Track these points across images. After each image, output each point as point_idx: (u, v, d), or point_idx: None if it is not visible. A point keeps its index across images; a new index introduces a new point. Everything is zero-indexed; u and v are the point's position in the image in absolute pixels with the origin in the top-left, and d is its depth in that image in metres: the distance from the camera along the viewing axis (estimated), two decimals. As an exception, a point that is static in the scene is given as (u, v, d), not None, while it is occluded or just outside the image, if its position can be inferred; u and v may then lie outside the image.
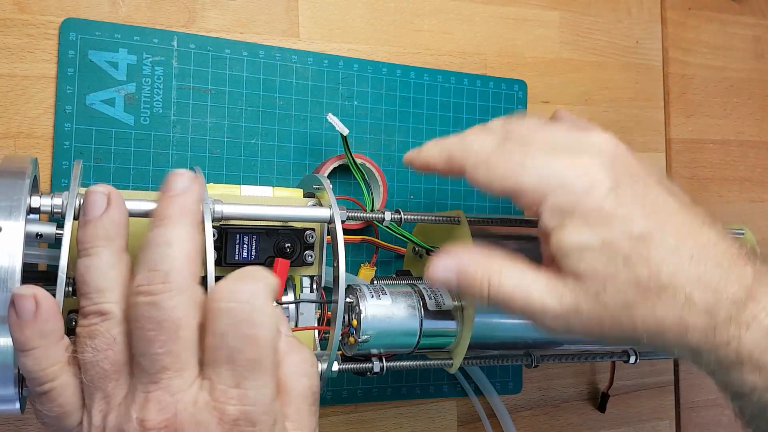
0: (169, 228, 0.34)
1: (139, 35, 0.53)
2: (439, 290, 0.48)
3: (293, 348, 0.35)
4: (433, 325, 0.47)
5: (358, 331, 0.45)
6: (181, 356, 0.32)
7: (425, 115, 0.63)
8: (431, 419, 0.62)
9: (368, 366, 0.47)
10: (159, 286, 0.32)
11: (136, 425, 0.31)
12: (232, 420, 0.31)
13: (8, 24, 0.51)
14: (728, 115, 0.78)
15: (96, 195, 0.35)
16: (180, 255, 0.33)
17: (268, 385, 0.32)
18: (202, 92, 0.55)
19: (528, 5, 0.69)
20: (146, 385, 0.32)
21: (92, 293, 0.33)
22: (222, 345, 0.31)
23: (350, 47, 0.61)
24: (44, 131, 0.51)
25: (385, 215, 0.47)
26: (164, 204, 0.35)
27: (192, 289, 0.33)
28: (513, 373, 0.65)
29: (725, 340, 0.37)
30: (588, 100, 0.71)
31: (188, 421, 0.31)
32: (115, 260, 0.34)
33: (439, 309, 0.47)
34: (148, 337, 0.31)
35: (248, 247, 0.44)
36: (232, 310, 0.32)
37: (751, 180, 0.79)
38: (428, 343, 0.48)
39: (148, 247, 0.33)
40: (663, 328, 0.38)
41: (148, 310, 0.32)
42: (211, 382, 0.32)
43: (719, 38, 0.79)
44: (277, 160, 0.57)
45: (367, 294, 0.46)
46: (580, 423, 0.68)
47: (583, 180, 0.39)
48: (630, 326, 0.39)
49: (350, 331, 0.46)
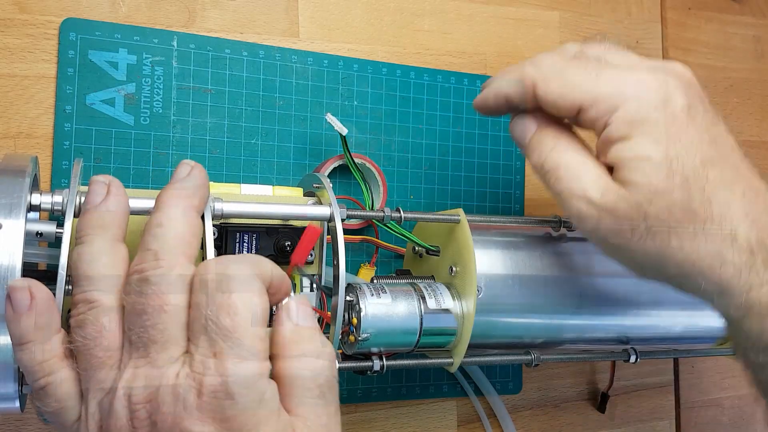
0: (162, 211, 0.35)
1: (139, 35, 0.53)
2: (439, 289, 0.48)
3: (302, 338, 0.35)
4: (434, 324, 0.47)
5: (358, 330, 0.45)
6: (167, 330, 0.32)
7: (425, 115, 0.63)
8: (431, 419, 0.62)
9: (368, 365, 0.46)
10: (150, 263, 0.32)
11: (124, 401, 0.31)
12: (210, 391, 0.30)
13: (8, 24, 0.51)
14: (728, 115, 0.78)
15: (96, 185, 0.35)
16: (170, 234, 0.33)
17: (249, 359, 0.31)
18: (202, 92, 0.55)
19: (528, 5, 0.69)
20: (135, 361, 0.32)
21: (82, 281, 0.33)
22: (199, 315, 0.32)
23: (350, 47, 0.61)
24: (44, 131, 0.51)
25: (386, 213, 0.47)
26: (162, 191, 0.36)
27: (183, 266, 0.33)
28: (513, 373, 0.65)
29: (759, 282, 0.37)
30: (588, 100, 0.71)
31: (167, 393, 0.31)
32: (108, 248, 0.34)
33: (439, 307, 0.47)
34: (137, 311, 0.32)
35: (248, 245, 0.44)
36: (210, 281, 0.32)
37: (751, 180, 0.79)
38: (428, 341, 0.48)
39: (144, 232, 0.34)
40: (698, 257, 0.38)
41: (138, 285, 0.32)
42: (191, 355, 0.32)
43: (719, 38, 0.79)
44: (277, 160, 0.57)
45: (367, 292, 0.46)
46: (580, 423, 0.68)
47: (659, 93, 0.39)
48: (662, 246, 0.39)
49: (350, 329, 0.46)
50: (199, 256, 0.44)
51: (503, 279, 0.49)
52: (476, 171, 0.64)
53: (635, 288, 0.52)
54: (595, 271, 0.51)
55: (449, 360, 0.49)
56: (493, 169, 0.65)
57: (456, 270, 0.49)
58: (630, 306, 0.53)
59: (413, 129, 0.62)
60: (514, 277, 0.49)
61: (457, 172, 0.63)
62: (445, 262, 0.50)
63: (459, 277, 0.48)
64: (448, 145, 0.63)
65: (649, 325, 0.53)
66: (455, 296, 0.48)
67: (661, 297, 0.53)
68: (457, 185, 0.63)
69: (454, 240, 0.49)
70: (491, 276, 0.48)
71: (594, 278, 0.51)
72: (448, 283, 0.49)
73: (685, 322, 0.54)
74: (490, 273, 0.49)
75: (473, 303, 0.46)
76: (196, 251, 0.35)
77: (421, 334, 0.47)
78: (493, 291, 0.48)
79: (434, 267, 0.52)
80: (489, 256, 0.49)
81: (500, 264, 0.49)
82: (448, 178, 0.63)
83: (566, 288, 0.51)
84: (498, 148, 0.65)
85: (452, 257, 0.49)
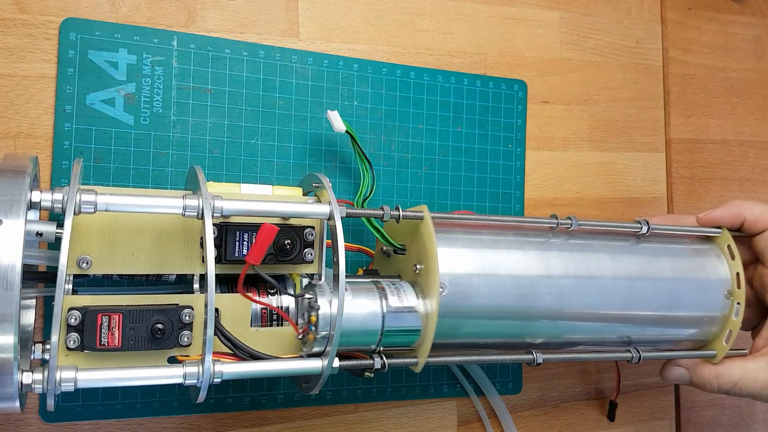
0: None
1: (139, 35, 0.54)
2: (403, 287, 0.47)
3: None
4: (396, 323, 0.45)
5: (317, 328, 0.43)
6: None
7: (425, 115, 0.63)
8: (431, 419, 0.62)
9: (369, 363, 0.46)
10: None
11: None
12: None
13: (8, 24, 0.51)
14: (728, 115, 0.78)
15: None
16: None
17: None
18: (202, 92, 0.55)
19: (528, 5, 0.69)
20: None
21: None
22: None
23: (350, 47, 0.61)
24: (44, 131, 0.51)
25: (384, 210, 0.47)
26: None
27: None
28: (513, 373, 0.65)
29: None
30: (588, 100, 0.71)
31: None
32: None
33: (401, 306, 0.46)
34: None
35: (248, 244, 0.44)
36: None
37: (751, 180, 0.79)
38: (391, 341, 0.46)
39: None
40: None
41: None
42: None
43: (719, 38, 0.79)
44: (277, 159, 0.57)
45: (327, 290, 0.44)
46: (580, 423, 0.68)
47: None
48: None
49: (309, 328, 0.44)
50: (200, 255, 0.44)
51: (468, 277, 0.48)
52: (476, 171, 0.64)
53: (613, 290, 0.52)
54: (570, 272, 0.51)
55: (414, 360, 0.47)
56: (493, 169, 0.65)
57: (420, 268, 0.47)
58: (607, 308, 0.52)
59: (413, 129, 0.62)
60: (480, 276, 0.48)
61: (457, 172, 0.63)
62: (410, 261, 0.49)
63: (423, 275, 0.47)
64: (448, 145, 0.63)
65: (613, 328, 0.53)
66: (419, 294, 0.47)
67: (632, 302, 0.53)
68: (457, 185, 0.63)
69: (419, 237, 0.48)
70: (456, 274, 0.47)
71: (569, 279, 0.50)
72: (413, 282, 0.48)
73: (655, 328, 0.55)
74: (454, 271, 0.47)
75: (436, 301, 0.45)
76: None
77: (383, 333, 0.45)
78: (458, 289, 0.47)
79: (402, 266, 0.50)
80: (455, 254, 0.48)
81: (466, 262, 0.48)
82: (448, 178, 0.63)
83: (539, 288, 0.49)
84: (498, 148, 0.65)
85: (417, 255, 0.48)
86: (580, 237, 0.54)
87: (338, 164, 0.59)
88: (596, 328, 0.53)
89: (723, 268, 0.56)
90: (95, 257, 0.42)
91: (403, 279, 0.49)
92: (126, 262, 0.43)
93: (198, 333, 0.42)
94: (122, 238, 0.43)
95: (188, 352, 0.42)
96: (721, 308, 0.55)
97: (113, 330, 0.39)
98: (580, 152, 0.70)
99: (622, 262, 0.53)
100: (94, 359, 0.40)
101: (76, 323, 0.39)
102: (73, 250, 0.41)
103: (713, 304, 0.55)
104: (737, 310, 0.55)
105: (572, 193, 0.69)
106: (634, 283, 0.53)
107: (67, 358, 0.39)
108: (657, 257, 0.55)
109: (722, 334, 0.56)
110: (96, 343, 0.39)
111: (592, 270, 0.52)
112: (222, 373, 0.40)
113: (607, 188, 0.71)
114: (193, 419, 0.54)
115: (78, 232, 0.41)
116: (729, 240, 0.56)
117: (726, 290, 0.55)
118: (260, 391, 0.56)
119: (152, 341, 0.40)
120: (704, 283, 0.55)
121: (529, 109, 0.67)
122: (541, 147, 0.68)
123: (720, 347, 0.56)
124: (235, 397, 0.55)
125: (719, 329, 0.56)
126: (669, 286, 0.54)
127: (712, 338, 0.56)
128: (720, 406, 0.75)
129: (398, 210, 0.47)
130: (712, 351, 0.56)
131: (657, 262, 0.54)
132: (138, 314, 0.40)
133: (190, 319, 0.41)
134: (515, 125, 0.66)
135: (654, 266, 0.54)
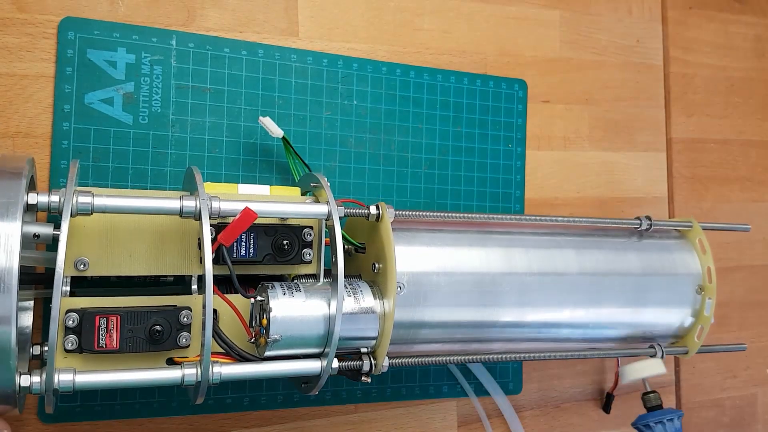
0: None
1: (137, 34, 0.53)
2: (360, 287, 0.46)
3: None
4: (352, 326, 0.44)
5: (267, 331, 0.42)
6: None
7: (425, 115, 0.62)
8: (431, 419, 0.62)
9: (358, 364, 0.45)
10: None
11: None
12: None
13: (7, 23, 0.50)
14: (729, 114, 0.78)
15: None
16: None
17: None
18: (201, 91, 0.55)
19: (528, 4, 0.69)
20: None
21: None
22: None
23: (350, 46, 0.61)
24: (43, 130, 0.51)
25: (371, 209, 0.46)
26: None
27: None
28: (513, 374, 0.65)
29: None
30: (588, 99, 0.71)
31: None
32: None
33: (358, 306, 0.44)
34: None
35: (246, 244, 0.44)
36: None
37: (752, 179, 0.79)
38: (346, 344, 0.45)
39: None
40: None
41: None
42: None
43: (720, 37, 0.78)
44: (277, 159, 0.57)
45: (279, 291, 0.43)
46: (581, 423, 0.68)
47: None
48: None
49: (261, 331, 0.42)
50: (197, 256, 0.44)
51: (428, 276, 0.47)
52: (476, 171, 0.64)
53: (578, 286, 0.51)
54: (534, 269, 0.50)
55: (373, 361, 0.46)
56: (494, 169, 0.65)
57: (378, 267, 0.46)
58: (572, 304, 0.51)
59: (413, 129, 0.62)
60: (441, 274, 0.47)
61: (457, 171, 0.63)
62: (369, 260, 0.47)
63: (381, 275, 0.46)
64: (448, 145, 0.63)
65: (592, 322, 0.52)
66: (377, 294, 0.45)
67: (599, 298, 0.52)
68: (457, 185, 0.63)
69: (377, 235, 0.46)
70: (415, 273, 0.46)
71: (532, 276, 0.49)
72: (371, 281, 0.47)
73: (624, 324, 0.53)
74: (413, 270, 0.46)
75: (393, 301, 0.44)
76: None
77: (330, 335, 0.43)
78: (417, 288, 0.46)
79: (362, 265, 0.49)
80: (414, 252, 0.47)
81: (426, 260, 0.47)
82: (448, 178, 0.63)
83: (502, 285, 0.48)
84: (498, 148, 0.65)
85: (376, 254, 0.47)
86: (547, 233, 0.53)
87: (338, 164, 0.59)
88: (560, 324, 0.51)
89: (694, 263, 0.55)
90: (93, 259, 0.42)
91: (363, 278, 0.48)
92: (123, 264, 0.43)
93: (196, 334, 0.42)
94: (120, 240, 0.43)
95: (186, 353, 0.42)
96: (692, 303, 0.54)
97: (111, 332, 0.39)
98: (580, 152, 0.70)
99: (588, 258, 0.52)
100: (92, 361, 0.40)
101: (74, 325, 0.39)
102: (71, 251, 0.41)
103: (684, 300, 0.54)
104: (708, 306, 0.54)
105: (573, 193, 0.69)
106: (600, 280, 0.51)
107: (66, 360, 0.39)
108: (625, 252, 0.53)
109: (694, 330, 0.54)
110: (94, 345, 0.39)
111: (557, 266, 0.51)
112: (221, 375, 0.40)
113: (608, 188, 0.71)
114: (192, 419, 0.54)
115: (75, 234, 0.41)
116: (700, 234, 0.55)
117: (697, 285, 0.54)
118: (260, 392, 0.56)
119: (150, 343, 0.40)
120: (674, 278, 0.54)
121: (529, 109, 0.67)
122: (542, 146, 0.68)
123: (692, 343, 0.55)
124: (235, 397, 0.55)
125: (690, 325, 0.55)
126: (637, 282, 0.53)
127: (683, 334, 0.55)
128: (721, 406, 0.75)
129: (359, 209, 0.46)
130: (684, 348, 0.55)
131: (625, 256, 0.53)
132: (136, 316, 0.40)
133: (188, 320, 0.41)
134: (515, 125, 0.66)
135: (622, 261, 0.53)
